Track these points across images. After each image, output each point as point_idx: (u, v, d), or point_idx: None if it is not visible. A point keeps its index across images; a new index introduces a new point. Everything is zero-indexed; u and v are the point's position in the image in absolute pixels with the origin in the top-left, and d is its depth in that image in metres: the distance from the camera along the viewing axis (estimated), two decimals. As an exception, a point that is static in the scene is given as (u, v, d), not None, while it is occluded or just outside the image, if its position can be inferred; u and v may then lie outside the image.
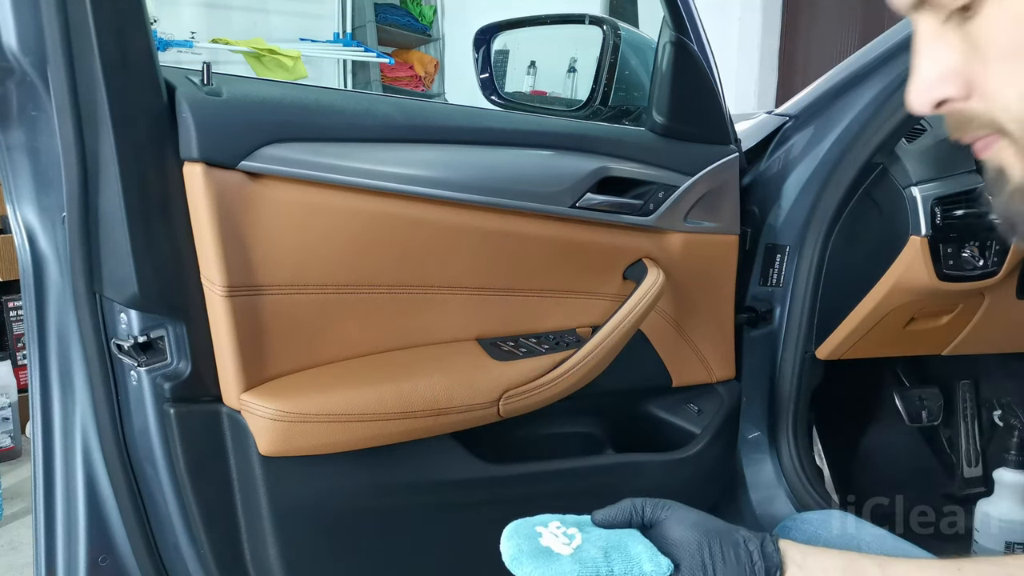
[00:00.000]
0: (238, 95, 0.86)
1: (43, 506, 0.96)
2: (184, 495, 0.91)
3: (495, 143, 1.02)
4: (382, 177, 0.92)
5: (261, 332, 0.89)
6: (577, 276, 1.10)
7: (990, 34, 0.40)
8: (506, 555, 0.63)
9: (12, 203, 0.92)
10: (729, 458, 1.32)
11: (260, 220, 0.86)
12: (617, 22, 1.30)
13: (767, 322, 1.34)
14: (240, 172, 0.84)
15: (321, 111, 0.92)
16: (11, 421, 2.26)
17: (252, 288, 0.87)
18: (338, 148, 0.90)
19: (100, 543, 0.96)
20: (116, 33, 0.77)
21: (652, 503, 0.66)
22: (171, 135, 0.83)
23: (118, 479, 0.93)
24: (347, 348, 0.96)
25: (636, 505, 0.66)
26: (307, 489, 0.93)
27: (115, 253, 0.83)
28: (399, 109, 0.98)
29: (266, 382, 0.90)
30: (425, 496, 1.00)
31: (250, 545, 0.94)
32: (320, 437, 0.89)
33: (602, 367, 1.07)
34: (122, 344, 0.86)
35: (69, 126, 0.80)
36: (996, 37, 0.40)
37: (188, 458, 0.89)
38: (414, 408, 0.93)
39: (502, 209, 1.00)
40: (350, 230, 0.92)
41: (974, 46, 0.41)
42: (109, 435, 0.91)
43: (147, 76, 0.81)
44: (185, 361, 0.88)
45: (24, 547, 1.82)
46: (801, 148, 1.30)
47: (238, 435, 0.90)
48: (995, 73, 0.40)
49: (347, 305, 0.94)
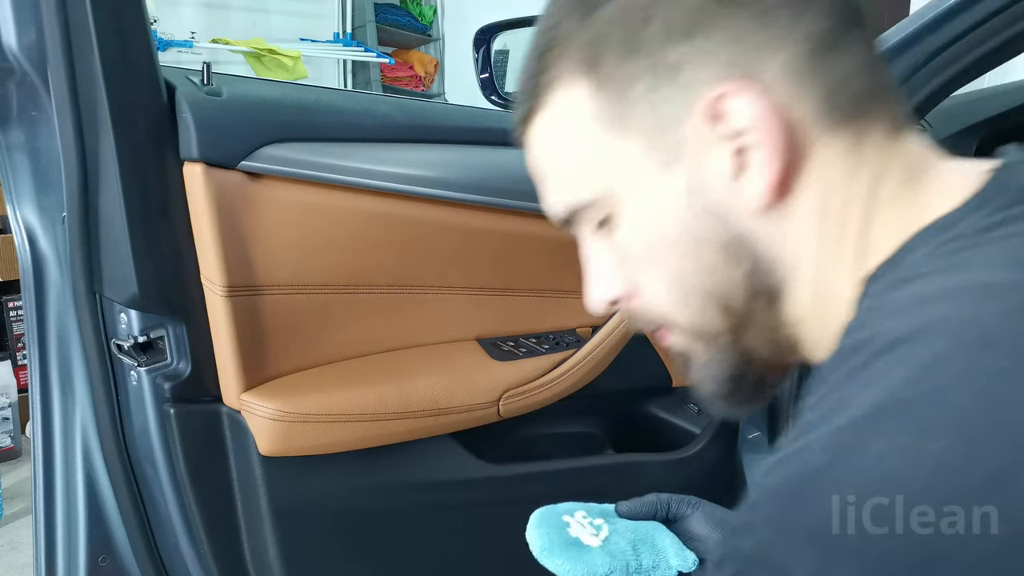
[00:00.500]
0: (238, 95, 0.86)
1: (43, 506, 0.96)
2: (184, 495, 0.91)
3: (495, 143, 1.02)
4: (382, 177, 0.92)
5: (261, 332, 0.89)
6: (577, 276, 1.09)
7: (629, 244, 0.45)
8: (535, 545, 0.63)
9: (12, 203, 0.92)
10: (729, 458, 1.32)
11: (260, 220, 0.86)
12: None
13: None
14: (240, 172, 0.84)
15: (321, 111, 0.92)
16: (11, 421, 2.26)
17: (252, 288, 0.87)
18: (338, 148, 0.90)
19: (100, 543, 0.96)
20: (116, 33, 0.77)
21: (677, 499, 0.68)
22: (171, 135, 0.83)
23: (118, 479, 0.93)
24: (347, 348, 0.96)
25: (661, 499, 0.68)
26: (307, 489, 0.93)
27: (115, 253, 0.83)
28: (399, 109, 0.98)
29: (266, 382, 0.90)
30: (425, 496, 1.00)
31: (250, 545, 0.94)
32: (320, 437, 0.89)
33: (602, 367, 1.07)
34: (122, 344, 0.86)
35: (69, 126, 0.80)
36: (634, 247, 0.45)
37: (188, 458, 0.89)
38: (414, 408, 0.93)
39: (502, 209, 1.00)
40: (350, 230, 0.92)
41: (622, 255, 0.46)
42: (109, 435, 0.91)
43: (147, 76, 0.81)
44: (185, 361, 0.88)
45: (24, 547, 1.82)
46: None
47: (238, 435, 0.90)
48: (642, 276, 0.46)
49: (347, 305, 0.94)
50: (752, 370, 0.46)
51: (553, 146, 0.47)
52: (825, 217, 0.41)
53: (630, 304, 0.48)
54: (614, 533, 0.64)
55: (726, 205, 0.41)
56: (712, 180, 0.41)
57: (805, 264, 0.42)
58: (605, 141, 0.44)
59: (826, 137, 0.41)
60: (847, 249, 0.41)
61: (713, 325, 0.45)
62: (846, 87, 0.41)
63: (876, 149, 0.41)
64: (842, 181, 0.41)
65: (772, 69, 0.40)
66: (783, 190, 0.41)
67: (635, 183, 0.44)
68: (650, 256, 0.45)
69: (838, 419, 0.30)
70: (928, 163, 0.42)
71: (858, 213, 0.41)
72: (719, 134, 0.41)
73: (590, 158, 0.45)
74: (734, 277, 0.43)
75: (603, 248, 0.48)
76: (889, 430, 0.28)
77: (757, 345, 0.45)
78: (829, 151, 0.41)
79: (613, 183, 0.44)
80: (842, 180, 0.41)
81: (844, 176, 0.41)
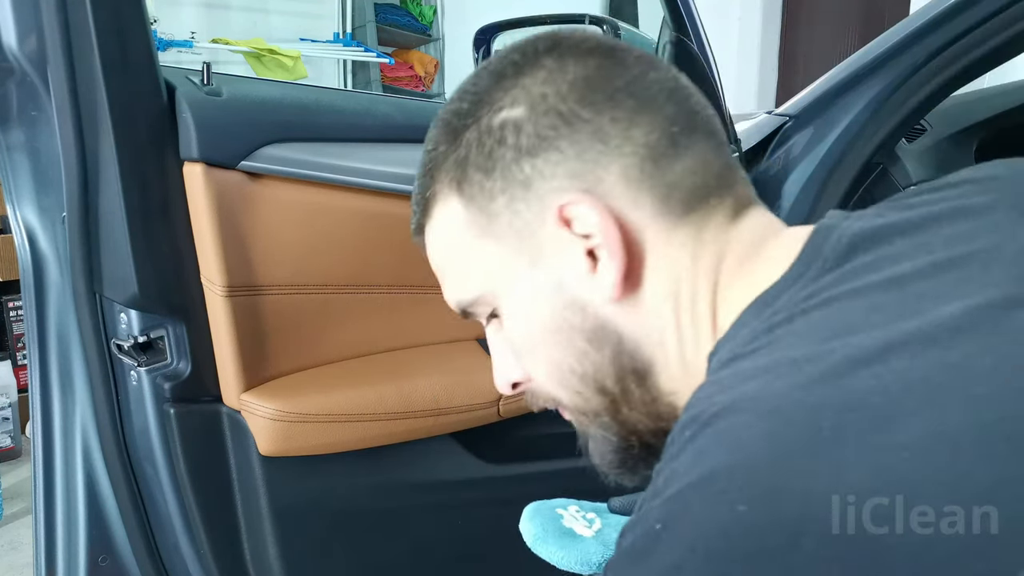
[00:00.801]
0: (238, 95, 0.86)
1: (43, 506, 0.96)
2: (184, 495, 0.91)
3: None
4: (382, 177, 0.92)
5: (261, 332, 0.88)
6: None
7: (513, 336, 0.51)
8: (528, 535, 0.63)
9: (12, 203, 0.92)
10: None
11: (260, 220, 0.86)
12: (617, 22, 1.30)
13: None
14: (240, 172, 0.84)
15: (321, 111, 0.92)
16: (11, 421, 2.26)
17: (252, 288, 0.87)
18: (338, 148, 0.90)
19: (100, 543, 0.96)
20: (116, 33, 0.77)
21: None
22: (171, 135, 0.83)
23: (118, 479, 0.93)
24: (347, 348, 0.96)
25: None
26: (307, 489, 0.93)
27: (115, 253, 0.83)
28: (399, 109, 0.98)
29: (266, 382, 0.90)
30: (425, 496, 1.00)
31: (250, 545, 0.94)
32: (320, 437, 0.89)
33: (602, 367, 1.07)
34: (122, 344, 0.86)
35: (69, 126, 0.80)
36: (515, 339, 0.51)
37: (188, 458, 0.89)
38: (414, 408, 0.93)
39: (502, 209, 1.00)
40: (350, 230, 0.92)
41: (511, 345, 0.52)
42: (109, 435, 0.91)
43: (147, 76, 0.80)
44: (185, 361, 0.88)
45: (24, 547, 1.82)
46: (801, 148, 1.30)
47: (238, 435, 0.90)
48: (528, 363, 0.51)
49: (347, 305, 0.94)
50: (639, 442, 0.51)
51: (439, 252, 0.53)
52: (678, 301, 0.46)
53: (529, 387, 0.54)
54: (606, 525, 0.64)
55: (585, 298, 0.47)
56: (571, 277, 0.47)
57: (669, 343, 0.47)
58: (479, 247, 0.49)
59: (666, 232, 0.46)
60: (702, 328, 0.46)
61: (591, 405, 0.50)
62: (683, 185, 0.46)
63: (715, 235, 0.46)
64: (687, 268, 0.46)
65: (610, 178, 0.45)
66: (632, 282, 0.46)
67: (508, 283, 0.49)
68: (530, 346, 0.50)
69: (670, 489, 0.34)
70: (764, 238, 0.47)
71: (705, 295, 0.46)
72: (572, 237, 0.46)
73: (468, 262, 0.50)
74: (602, 360, 0.48)
75: (499, 339, 0.54)
76: (706, 497, 0.32)
77: (637, 419, 0.50)
78: (672, 243, 0.46)
79: (491, 283, 0.50)
80: (687, 267, 0.46)
81: (688, 263, 0.46)
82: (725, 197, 0.47)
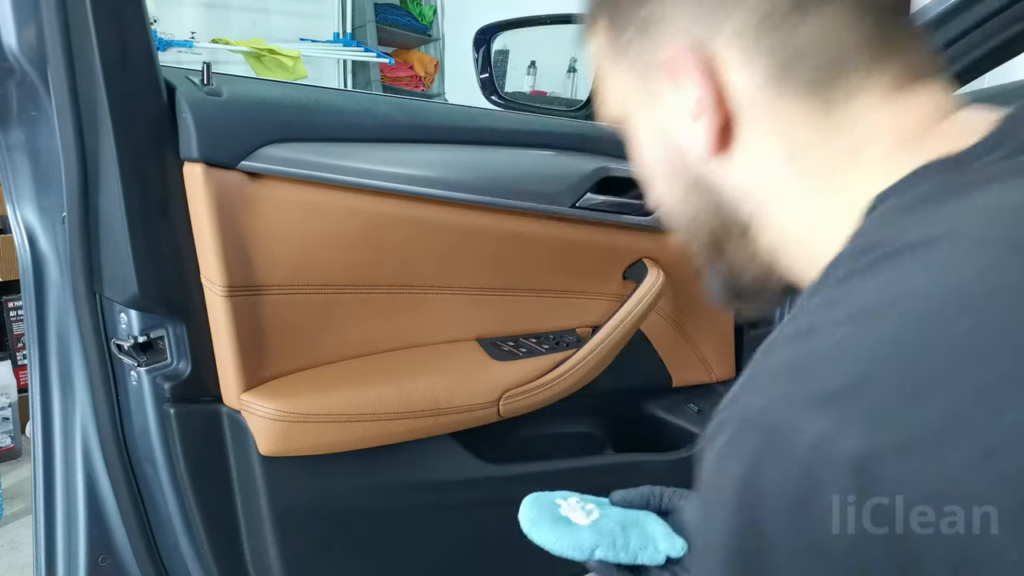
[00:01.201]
0: (238, 95, 0.86)
1: (43, 506, 0.96)
2: (184, 495, 0.91)
3: (495, 143, 1.02)
4: (382, 177, 0.92)
5: (261, 332, 0.89)
6: (577, 276, 1.10)
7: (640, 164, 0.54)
8: (524, 521, 0.64)
9: (12, 203, 0.92)
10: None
11: (260, 220, 0.86)
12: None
13: (767, 322, 1.34)
14: (240, 172, 0.84)
15: (321, 111, 0.92)
16: (11, 421, 2.26)
17: (252, 288, 0.87)
18: (338, 148, 0.90)
19: (100, 543, 0.96)
20: (116, 33, 0.77)
21: (671, 491, 0.70)
22: (171, 135, 0.83)
23: (118, 479, 0.93)
24: (347, 348, 0.96)
25: (655, 491, 0.70)
26: (307, 489, 0.93)
27: (115, 253, 0.83)
28: (399, 109, 0.98)
29: (266, 382, 0.90)
30: (425, 496, 1.00)
31: (250, 545, 0.94)
32: (320, 437, 0.89)
33: (602, 367, 1.07)
34: (122, 344, 0.86)
35: (69, 126, 0.80)
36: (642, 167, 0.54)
37: (188, 458, 0.89)
38: (414, 408, 0.93)
39: (502, 209, 1.00)
40: (350, 230, 0.92)
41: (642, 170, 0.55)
42: (109, 435, 0.91)
43: (147, 76, 0.80)
44: (185, 361, 0.88)
45: (24, 547, 1.82)
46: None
47: (238, 435, 0.90)
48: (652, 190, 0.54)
49: (347, 305, 0.94)
50: (744, 282, 0.52)
51: (594, 62, 0.54)
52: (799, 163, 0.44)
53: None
54: (604, 516, 0.65)
55: (685, 147, 0.48)
56: (675, 125, 0.48)
57: (777, 201, 0.46)
58: (614, 73, 0.51)
59: (779, 101, 0.43)
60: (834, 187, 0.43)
61: (699, 240, 0.52)
62: (807, 57, 0.42)
63: (857, 119, 0.42)
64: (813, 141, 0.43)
65: (726, 30, 0.44)
66: (731, 143, 0.46)
67: (635, 114, 0.51)
68: (650, 172, 0.53)
69: (849, 308, 0.32)
70: (935, 119, 0.42)
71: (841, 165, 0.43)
72: (676, 87, 0.46)
73: (606, 84, 0.53)
74: (703, 208, 0.49)
75: None
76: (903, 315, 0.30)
77: (740, 266, 0.51)
78: (788, 114, 0.43)
79: (623, 109, 0.52)
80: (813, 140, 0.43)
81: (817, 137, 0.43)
82: (875, 72, 0.42)
